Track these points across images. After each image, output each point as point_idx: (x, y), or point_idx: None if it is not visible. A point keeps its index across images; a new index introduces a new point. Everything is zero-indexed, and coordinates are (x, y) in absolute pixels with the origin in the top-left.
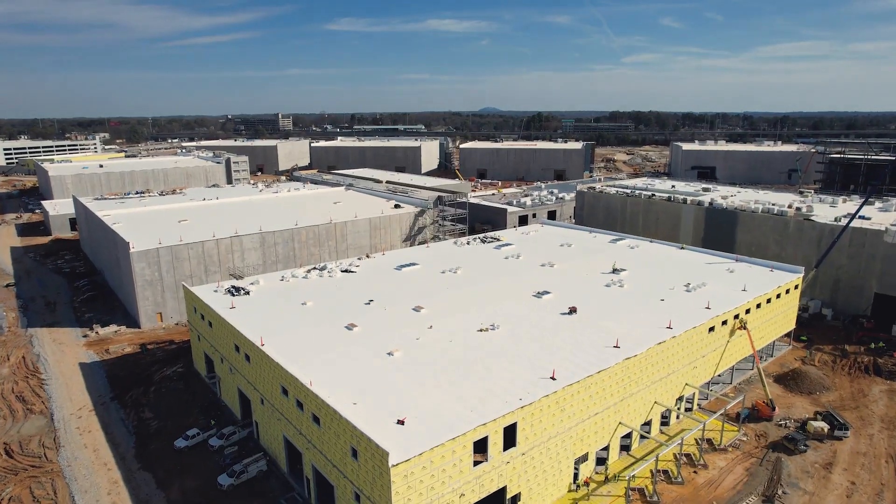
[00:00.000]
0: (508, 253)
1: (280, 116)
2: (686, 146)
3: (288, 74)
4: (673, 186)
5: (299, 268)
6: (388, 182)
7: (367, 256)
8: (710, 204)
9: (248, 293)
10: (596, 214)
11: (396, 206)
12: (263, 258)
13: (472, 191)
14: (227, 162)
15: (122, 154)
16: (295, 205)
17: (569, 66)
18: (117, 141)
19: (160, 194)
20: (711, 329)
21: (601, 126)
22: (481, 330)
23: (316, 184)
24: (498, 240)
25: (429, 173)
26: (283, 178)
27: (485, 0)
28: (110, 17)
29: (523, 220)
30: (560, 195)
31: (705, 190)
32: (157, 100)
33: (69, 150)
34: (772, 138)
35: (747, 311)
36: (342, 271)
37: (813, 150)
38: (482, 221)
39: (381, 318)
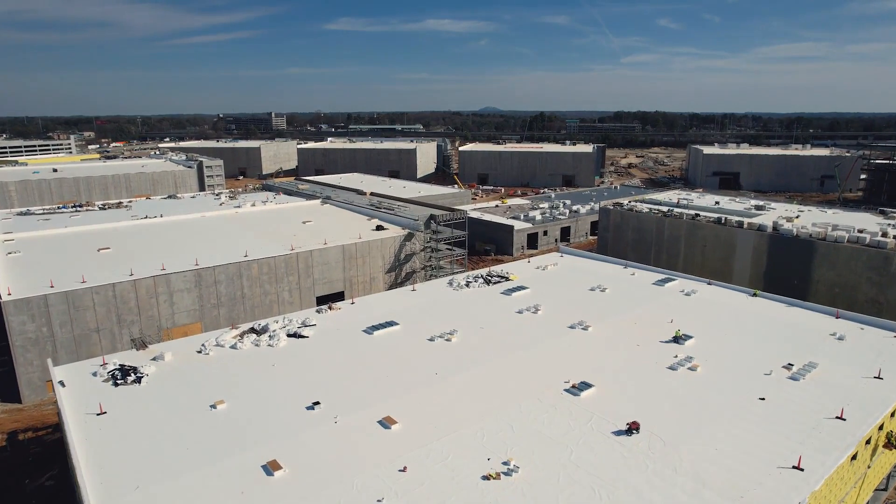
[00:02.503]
0: (523, 303)
1: (273, 115)
2: (707, 150)
3: (286, 74)
4: (717, 203)
5: (231, 329)
6: (372, 194)
7: (330, 308)
8: (775, 229)
9: (139, 379)
10: (623, 237)
11: (379, 228)
12: (200, 302)
13: (473, 199)
14: (200, 166)
15: (99, 155)
16: (255, 224)
17: (568, 67)
18: (102, 140)
19: (101, 207)
20: (854, 457)
21: (606, 126)
22: (488, 477)
23: (289, 195)
24: (506, 279)
25: (425, 178)
26: (267, 181)
27: (483, 0)
28: (109, 16)
29: (532, 239)
30: (574, 208)
31: (758, 208)
32: (154, 99)
33: (40, 150)
34: (787, 140)
35: (892, 415)
36: (289, 336)
37: (856, 155)
38: (484, 239)
39: (327, 443)
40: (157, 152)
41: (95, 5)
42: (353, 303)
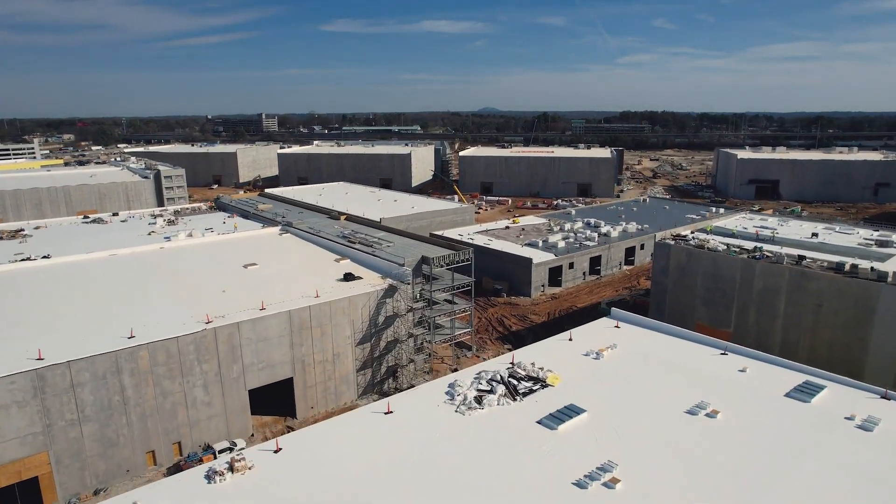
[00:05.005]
0: (581, 453)
1: (264, 117)
2: (741, 154)
3: (283, 75)
4: (814, 235)
5: None
6: (347, 219)
7: (232, 468)
8: None
9: None
10: (690, 286)
11: (348, 277)
12: (46, 419)
13: (476, 213)
14: (157, 176)
15: (64, 161)
16: (177, 270)
17: (566, 67)
18: (82, 143)
19: None
20: None
21: (614, 127)
22: None
23: (245, 217)
24: (543, 382)
25: (421, 187)
26: (221, 198)
27: (479, 2)
28: (106, 19)
29: (555, 273)
30: (603, 229)
31: (881, 244)
32: (150, 101)
33: None
34: (808, 140)
35: None
36: None
37: None
38: (493, 275)
39: None
40: (119, 158)
41: (93, 8)
42: (277, 450)
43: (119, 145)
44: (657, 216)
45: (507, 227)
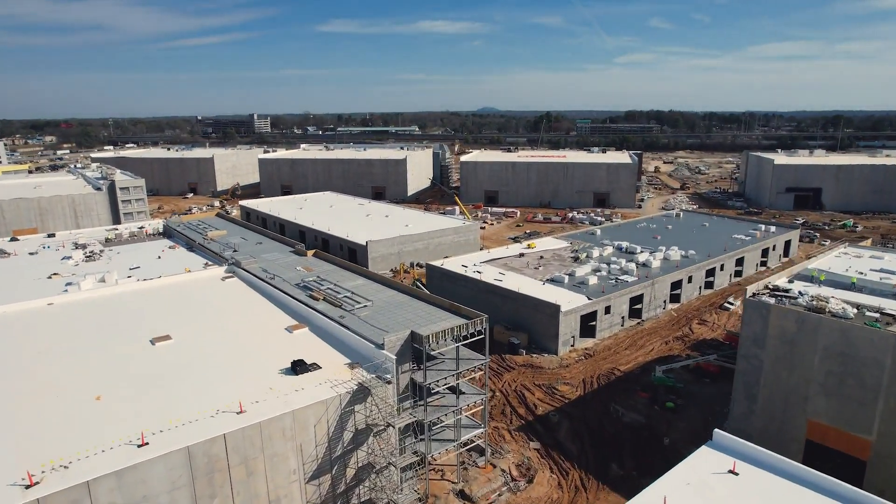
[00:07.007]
0: None
1: (256, 117)
2: (778, 160)
3: (280, 75)
4: None
5: None
6: (316, 255)
7: None
8: None
9: None
10: (800, 364)
11: (297, 368)
12: None
13: (481, 228)
14: (112, 187)
15: (28, 167)
16: (49, 349)
17: (564, 66)
18: (64, 145)
19: None
20: None
21: (622, 128)
22: None
23: (190, 248)
24: None
25: (417, 195)
26: (170, 221)
27: (475, 1)
28: (102, 19)
29: (587, 320)
30: (641, 257)
31: None
32: (145, 102)
33: None
34: (829, 141)
35: None
36: None
37: None
38: (509, 323)
39: None
40: (78, 165)
41: (91, 9)
42: None
43: (97, 148)
44: (699, 236)
45: (522, 255)
